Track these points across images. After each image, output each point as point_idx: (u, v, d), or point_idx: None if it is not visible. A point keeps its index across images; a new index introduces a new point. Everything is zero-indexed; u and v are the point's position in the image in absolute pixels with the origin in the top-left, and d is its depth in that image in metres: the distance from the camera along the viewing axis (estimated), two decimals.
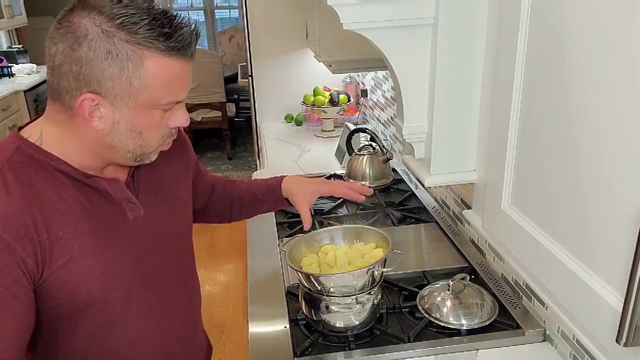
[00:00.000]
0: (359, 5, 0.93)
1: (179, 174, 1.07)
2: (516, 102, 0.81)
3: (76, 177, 0.86)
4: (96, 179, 0.88)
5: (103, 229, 0.88)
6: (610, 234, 0.62)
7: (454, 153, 1.01)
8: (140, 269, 0.94)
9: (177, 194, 1.05)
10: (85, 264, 0.85)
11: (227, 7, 6.95)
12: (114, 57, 0.77)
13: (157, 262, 0.98)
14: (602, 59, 0.61)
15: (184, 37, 0.81)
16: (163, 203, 1.00)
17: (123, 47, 0.77)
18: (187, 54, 0.83)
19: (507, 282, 1.33)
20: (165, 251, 0.99)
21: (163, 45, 0.79)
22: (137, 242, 0.93)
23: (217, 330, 2.78)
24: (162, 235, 0.99)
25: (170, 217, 1.01)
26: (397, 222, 1.70)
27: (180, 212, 1.05)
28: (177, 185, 1.06)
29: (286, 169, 2.23)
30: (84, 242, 0.85)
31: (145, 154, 0.89)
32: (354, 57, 1.73)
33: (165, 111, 0.85)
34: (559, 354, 1.12)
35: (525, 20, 0.77)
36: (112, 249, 0.89)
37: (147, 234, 0.95)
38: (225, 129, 5.13)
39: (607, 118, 0.61)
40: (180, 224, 1.05)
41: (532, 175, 0.79)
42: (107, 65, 0.77)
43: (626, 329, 0.55)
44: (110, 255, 0.88)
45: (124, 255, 0.91)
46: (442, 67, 0.96)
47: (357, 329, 1.18)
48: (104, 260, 0.87)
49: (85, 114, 0.80)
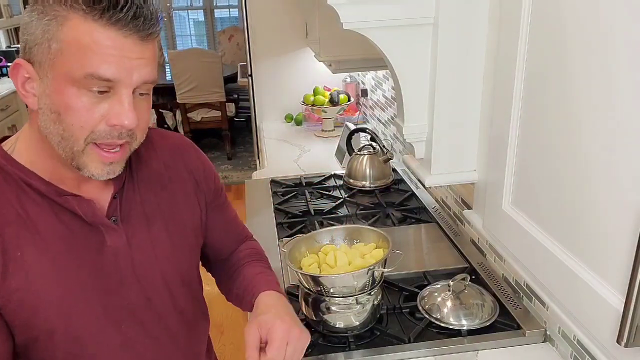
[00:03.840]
0: (358, 5, 0.93)
1: (186, 197, 0.94)
2: (517, 102, 0.81)
3: (47, 195, 0.77)
4: (66, 198, 0.78)
5: (72, 252, 0.79)
6: (611, 234, 0.62)
7: (455, 153, 1.01)
8: (115, 303, 0.84)
9: (179, 220, 0.93)
10: (43, 290, 0.76)
11: (226, 7, 6.94)
12: (41, 17, 0.69)
13: (141, 296, 0.87)
14: (602, 59, 0.61)
15: (128, 7, 0.69)
16: (159, 230, 0.89)
17: (51, 6, 0.69)
18: (125, 26, 0.69)
19: (507, 283, 1.33)
20: (154, 283, 0.88)
21: (88, 7, 0.68)
22: (113, 271, 0.83)
23: (217, 331, 2.78)
24: (148, 266, 0.87)
25: (166, 246, 0.90)
26: (397, 222, 1.70)
27: (181, 240, 0.93)
28: (181, 208, 0.93)
29: (286, 169, 2.23)
30: (47, 265, 0.77)
31: (76, 155, 0.74)
32: (354, 57, 1.72)
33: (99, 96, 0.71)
34: (559, 354, 1.12)
35: (526, 20, 0.77)
36: (79, 276, 0.80)
37: (128, 264, 0.85)
38: (224, 128, 5.13)
39: (607, 118, 0.61)
40: (180, 255, 0.93)
41: (532, 176, 0.79)
42: (35, 27, 0.70)
43: (627, 329, 0.55)
44: (75, 283, 0.79)
45: (93, 284, 0.81)
46: (443, 66, 0.96)
47: (357, 329, 1.18)
48: (66, 287, 0.78)
49: (17, 84, 0.72)
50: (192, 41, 6.98)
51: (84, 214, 0.79)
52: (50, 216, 0.77)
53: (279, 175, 2.11)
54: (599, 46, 0.62)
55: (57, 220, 0.78)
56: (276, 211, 1.79)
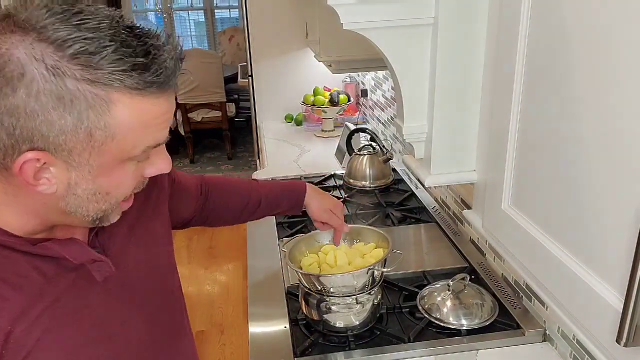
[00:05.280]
0: (358, 5, 0.93)
1: (151, 204, 0.87)
2: (516, 101, 0.81)
3: (21, 249, 0.65)
4: (45, 245, 0.66)
5: (65, 305, 0.67)
6: (610, 234, 0.62)
7: (454, 153, 1.01)
8: (122, 345, 0.75)
9: (150, 229, 0.85)
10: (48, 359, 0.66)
11: (227, 7, 6.95)
12: (66, 104, 0.55)
13: (143, 334, 0.79)
14: (602, 58, 0.61)
15: (166, 67, 0.59)
16: (135, 245, 0.80)
17: (79, 90, 0.55)
18: (169, 87, 0.61)
19: (507, 282, 1.33)
20: (150, 319, 0.81)
21: (137, 82, 0.57)
22: (113, 310, 0.74)
23: (217, 330, 2.78)
24: (142, 286, 0.80)
25: (147, 259, 0.82)
26: (397, 222, 1.70)
27: (157, 250, 0.86)
28: (150, 217, 0.86)
29: (286, 169, 2.23)
30: (42, 332, 0.65)
31: (105, 214, 0.67)
32: (354, 57, 1.73)
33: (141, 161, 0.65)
34: (559, 354, 1.12)
35: (526, 19, 0.77)
36: (82, 329, 0.69)
37: (124, 293, 0.76)
38: (225, 129, 5.13)
39: (607, 117, 0.61)
40: (161, 265, 0.86)
41: (532, 175, 0.79)
42: (57, 117, 0.55)
43: (626, 329, 0.55)
44: (81, 338, 0.69)
45: (99, 331, 0.71)
46: (442, 66, 0.96)
47: (357, 329, 1.18)
48: (74, 347, 0.68)
49: (28, 178, 0.59)
50: (193, 41, 6.99)
51: (71, 256, 0.67)
52: (30, 272, 0.65)
53: (279, 175, 2.11)
54: (600, 47, 0.62)
55: (38, 274, 0.66)
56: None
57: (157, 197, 0.89)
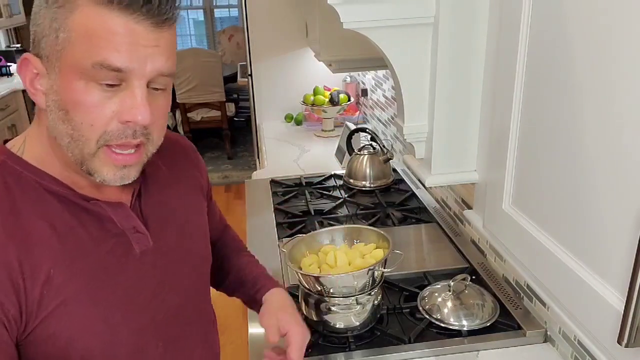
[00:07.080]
0: (359, 5, 0.93)
1: (191, 195, 0.90)
2: (517, 102, 0.81)
3: (73, 200, 0.69)
4: (98, 203, 0.71)
5: (104, 267, 0.71)
6: (611, 235, 0.62)
7: (455, 153, 1.01)
8: (151, 316, 0.77)
9: (190, 219, 0.88)
10: (82, 314, 0.68)
11: (226, 6, 6.95)
12: (49, 5, 0.63)
13: (171, 305, 0.81)
14: (602, 59, 0.61)
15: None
16: (174, 231, 0.83)
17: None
18: (137, 11, 0.62)
19: (508, 283, 1.33)
20: (179, 291, 0.83)
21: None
22: (145, 282, 0.77)
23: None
24: (174, 271, 0.82)
25: (182, 247, 0.84)
26: (397, 223, 1.69)
27: (194, 241, 0.88)
28: (189, 208, 0.89)
29: (286, 169, 2.23)
30: (81, 286, 0.68)
31: (87, 158, 0.67)
32: (354, 57, 1.72)
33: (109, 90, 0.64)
34: (560, 354, 1.12)
35: (526, 20, 0.77)
36: (116, 293, 0.72)
37: (157, 272, 0.78)
38: (224, 128, 5.13)
39: (607, 118, 0.61)
40: (195, 256, 0.88)
41: (533, 176, 0.79)
42: (43, 16, 0.63)
43: (627, 329, 0.55)
44: (114, 301, 0.72)
45: (130, 299, 0.74)
46: (443, 66, 0.96)
47: (357, 329, 1.18)
48: (107, 308, 0.71)
49: (26, 82, 0.66)
50: (192, 41, 6.99)
51: (118, 220, 0.72)
52: (77, 227, 0.69)
53: (279, 175, 2.11)
54: (600, 46, 0.61)
55: (84, 231, 0.70)
56: (276, 211, 1.79)
57: (198, 188, 0.93)
